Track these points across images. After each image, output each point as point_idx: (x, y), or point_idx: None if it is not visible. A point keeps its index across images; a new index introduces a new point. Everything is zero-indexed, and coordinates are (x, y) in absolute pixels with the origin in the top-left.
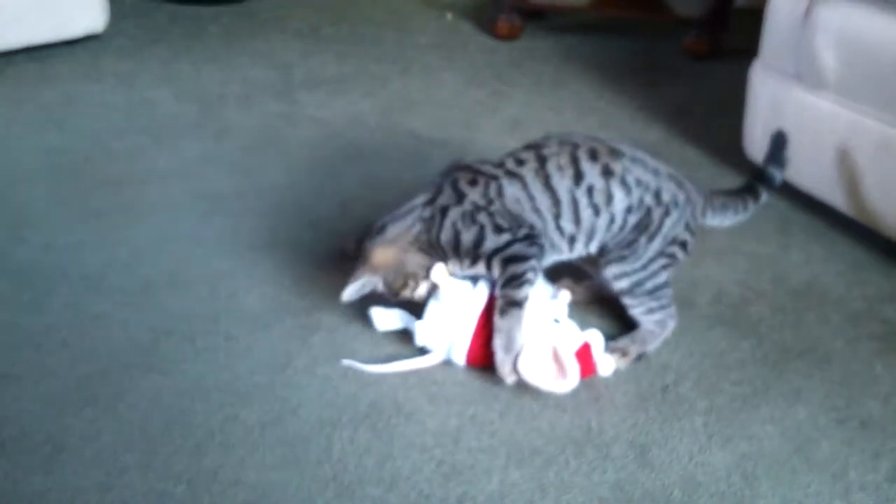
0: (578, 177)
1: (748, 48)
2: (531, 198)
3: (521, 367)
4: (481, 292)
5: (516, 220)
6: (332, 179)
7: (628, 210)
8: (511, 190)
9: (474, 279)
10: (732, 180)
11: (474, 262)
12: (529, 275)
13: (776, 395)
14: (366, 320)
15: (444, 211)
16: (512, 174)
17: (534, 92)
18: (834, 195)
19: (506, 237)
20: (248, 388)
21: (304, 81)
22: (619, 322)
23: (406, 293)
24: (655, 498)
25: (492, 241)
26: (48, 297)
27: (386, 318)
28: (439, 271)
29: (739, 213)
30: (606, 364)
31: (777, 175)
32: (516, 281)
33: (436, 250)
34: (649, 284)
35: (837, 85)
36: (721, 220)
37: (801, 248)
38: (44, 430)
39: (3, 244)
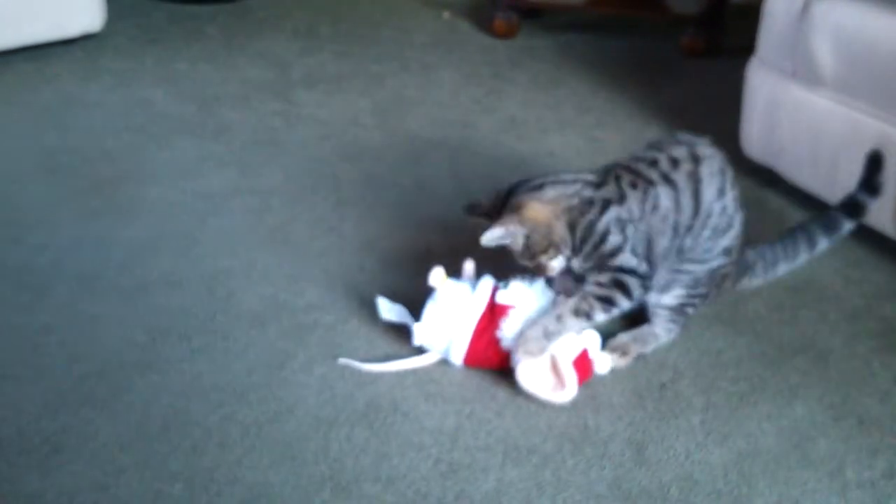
0: (722, 191)
1: (745, 46)
2: (678, 210)
3: (519, 377)
4: (481, 295)
5: (649, 251)
6: (329, 178)
7: (727, 252)
8: (665, 203)
9: (474, 283)
10: None
11: (600, 269)
12: (620, 306)
13: (773, 392)
14: (363, 319)
15: (606, 204)
16: (667, 179)
17: (531, 90)
18: (831, 192)
19: (634, 263)
20: (245, 387)
21: (302, 81)
22: (617, 320)
23: (542, 259)
24: (652, 495)
25: (625, 258)
26: (45, 297)
27: (390, 310)
28: (437, 274)
29: (801, 255)
30: (603, 362)
31: (868, 202)
32: (608, 303)
33: (576, 234)
34: (688, 310)
35: (834, 82)
36: (774, 273)
37: None
38: (41, 430)
39: (0, 244)
